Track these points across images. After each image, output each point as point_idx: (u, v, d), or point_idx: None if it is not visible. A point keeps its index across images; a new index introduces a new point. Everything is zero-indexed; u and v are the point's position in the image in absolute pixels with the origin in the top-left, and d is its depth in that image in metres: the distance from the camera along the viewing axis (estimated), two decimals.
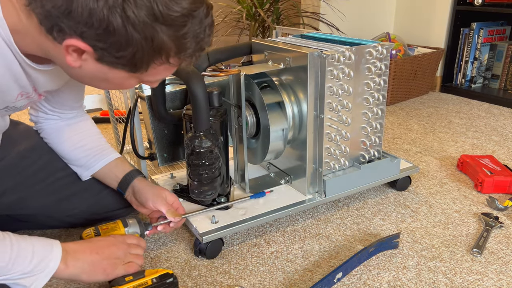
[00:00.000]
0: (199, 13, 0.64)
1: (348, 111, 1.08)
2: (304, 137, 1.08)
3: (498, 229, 1.09)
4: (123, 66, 0.66)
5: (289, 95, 1.09)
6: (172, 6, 0.61)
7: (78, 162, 1.03)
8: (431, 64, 2.25)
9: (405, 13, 2.52)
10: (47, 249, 0.76)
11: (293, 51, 1.04)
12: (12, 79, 0.72)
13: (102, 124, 1.97)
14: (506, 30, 2.34)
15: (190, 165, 0.98)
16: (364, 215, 1.17)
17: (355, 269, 0.95)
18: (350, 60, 1.04)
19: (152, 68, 0.68)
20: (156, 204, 0.98)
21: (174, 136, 1.21)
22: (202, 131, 0.94)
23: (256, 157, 1.17)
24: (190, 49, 0.67)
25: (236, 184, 1.20)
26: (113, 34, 0.61)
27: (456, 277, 0.93)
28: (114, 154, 1.05)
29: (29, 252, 0.73)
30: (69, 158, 1.03)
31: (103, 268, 0.81)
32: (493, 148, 1.60)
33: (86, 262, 0.80)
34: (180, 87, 1.18)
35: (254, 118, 1.11)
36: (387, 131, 1.79)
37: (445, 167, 1.45)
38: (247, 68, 1.09)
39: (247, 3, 2.26)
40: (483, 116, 1.96)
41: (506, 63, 2.25)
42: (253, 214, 1.05)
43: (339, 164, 1.14)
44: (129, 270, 0.84)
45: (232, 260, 0.99)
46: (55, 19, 0.60)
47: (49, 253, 0.75)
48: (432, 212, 1.18)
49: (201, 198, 1.02)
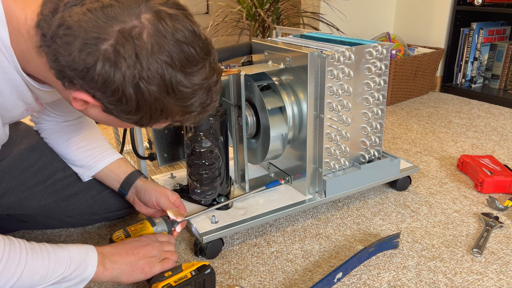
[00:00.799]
0: (209, 83, 0.66)
1: (348, 111, 1.08)
2: (304, 137, 1.08)
3: (498, 229, 1.09)
4: (130, 121, 0.68)
5: (289, 95, 1.09)
6: (185, 83, 0.63)
7: (79, 163, 1.03)
8: (431, 64, 2.25)
9: (405, 13, 2.52)
10: (83, 254, 0.77)
11: (293, 51, 1.04)
12: (20, 99, 0.73)
13: (102, 124, 1.96)
14: (506, 30, 2.35)
15: (190, 165, 0.98)
16: (364, 215, 1.17)
17: (355, 269, 0.95)
18: (350, 60, 1.04)
19: (156, 125, 0.70)
20: (160, 202, 0.98)
21: (174, 136, 1.21)
22: (202, 131, 0.94)
23: (256, 157, 1.17)
24: (195, 112, 0.69)
25: (236, 184, 1.20)
26: (124, 103, 0.63)
27: (456, 277, 0.93)
28: (115, 155, 1.05)
29: (66, 258, 0.74)
30: (70, 159, 1.03)
31: (141, 268, 0.83)
32: (493, 148, 1.60)
33: (124, 264, 0.81)
34: None
35: (254, 118, 1.11)
36: (387, 131, 1.79)
37: (445, 167, 1.45)
38: (247, 68, 1.09)
39: (247, 3, 2.26)
40: (483, 116, 1.97)
41: (506, 63, 2.25)
42: (253, 214, 1.05)
43: (339, 164, 1.14)
44: (166, 267, 0.86)
45: (232, 260, 0.99)
46: (68, 75, 0.62)
47: (85, 257, 0.77)
48: (432, 212, 1.18)
49: (201, 198, 1.02)
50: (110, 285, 0.92)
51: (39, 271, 0.70)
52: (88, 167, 1.03)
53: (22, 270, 0.68)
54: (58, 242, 1.07)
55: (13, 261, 0.67)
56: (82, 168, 1.03)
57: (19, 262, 0.68)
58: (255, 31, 2.27)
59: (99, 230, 1.12)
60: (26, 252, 0.70)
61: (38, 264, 0.70)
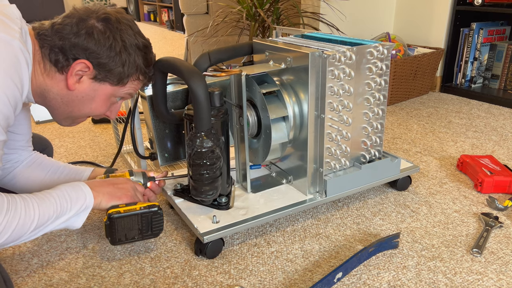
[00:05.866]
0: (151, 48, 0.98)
1: (349, 111, 1.09)
2: (305, 137, 1.08)
3: (498, 229, 1.10)
4: (110, 80, 0.91)
5: (290, 95, 1.09)
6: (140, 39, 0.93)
7: None
8: (431, 64, 2.25)
9: (405, 13, 2.52)
10: (78, 187, 0.92)
11: (294, 51, 1.04)
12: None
13: (102, 124, 1.97)
14: (506, 30, 2.35)
15: (191, 165, 0.98)
16: (364, 215, 1.17)
17: (355, 269, 0.95)
18: (351, 60, 1.04)
19: (130, 82, 0.94)
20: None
21: (175, 136, 1.21)
22: (203, 131, 0.94)
23: (258, 157, 1.17)
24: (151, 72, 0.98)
25: (237, 184, 1.20)
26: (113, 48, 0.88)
27: (456, 277, 0.93)
28: (87, 170, 1.15)
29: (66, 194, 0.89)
30: None
31: (118, 196, 0.97)
32: (493, 148, 1.60)
33: (106, 193, 0.96)
34: (181, 87, 1.18)
35: (255, 118, 1.11)
36: (387, 131, 1.79)
37: (445, 167, 1.45)
38: (248, 68, 1.09)
39: (247, 3, 2.26)
40: (483, 116, 1.97)
41: (506, 63, 2.25)
42: (254, 214, 1.05)
43: (339, 164, 1.14)
44: (134, 200, 1.00)
45: (232, 260, 1.00)
46: (70, 47, 0.86)
47: (81, 188, 0.92)
48: (432, 212, 1.18)
49: (202, 198, 1.02)
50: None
51: (50, 209, 0.85)
52: None
53: (38, 212, 0.82)
54: (58, 242, 1.08)
55: (29, 207, 0.81)
56: None
57: (34, 207, 0.82)
58: (255, 31, 2.27)
59: (99, 230, 1.13)
60: (37, 199, 0.84)
61: (48, 203, 0.85)
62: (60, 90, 0.89)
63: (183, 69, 0.95)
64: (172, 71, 0.99)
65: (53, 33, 0.85)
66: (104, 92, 0.92)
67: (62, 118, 0.96)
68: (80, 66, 0.87)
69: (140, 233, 0.97)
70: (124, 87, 0.94)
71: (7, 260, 1.01)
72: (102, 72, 0.89)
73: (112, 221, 0.92)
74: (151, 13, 6.77)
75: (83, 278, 0.95)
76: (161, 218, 0.97)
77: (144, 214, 0.95)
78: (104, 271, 0.97)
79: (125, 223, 0.94)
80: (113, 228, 0.93)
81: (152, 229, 0.97)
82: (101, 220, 1.16)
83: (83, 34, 0.86)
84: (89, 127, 1.92)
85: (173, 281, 0.93)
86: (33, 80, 0.87)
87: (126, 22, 0.91)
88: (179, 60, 0.98)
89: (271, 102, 1.08)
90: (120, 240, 0.95)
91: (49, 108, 0.94)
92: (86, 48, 0.86)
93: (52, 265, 0.99)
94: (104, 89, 0.92)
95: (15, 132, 1.04)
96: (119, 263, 0.99)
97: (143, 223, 0.96)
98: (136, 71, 0.94)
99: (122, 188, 0.99)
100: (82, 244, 1.06)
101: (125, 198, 0.98)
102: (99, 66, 0.88)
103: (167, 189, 1.16)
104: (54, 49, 0.85)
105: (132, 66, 0.92)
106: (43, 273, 0.96)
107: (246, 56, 1.23)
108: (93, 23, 0.87)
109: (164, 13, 6.35)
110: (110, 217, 0.92)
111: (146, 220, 0.96)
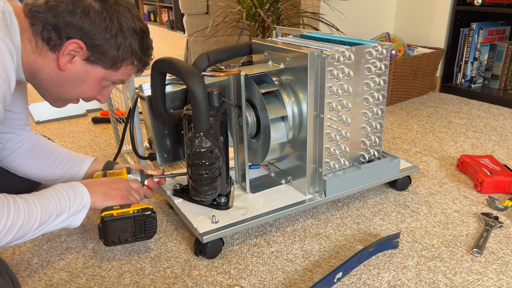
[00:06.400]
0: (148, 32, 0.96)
1: (348, 111, 1.09)
2: (304, 137, 1.08)
3: (498, 229, 1.09)
4: (103, 63, 0.88)
5: (289, 95, 1.09)
6: (138, 23, 0.91)
7: (62, 180, 1.10)
8: (431, 64, 2.25)
9: (405, 13, 2.52)
10: (74, 187, 0.92)
11: (293, 51, 1.04)
12: None
13: (102, 124, 1.97)
14: (506, 30, 2.35)
15: (190, 165, 0.98)
16: (364, 215, 1.17)
17: (355, 269, 0.95)
18: (350, 60, 1.04)
19: (123, 66, 0.92)
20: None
21: (174, 136, 1.21)
22: (202, 131, 0.94)
23: (257, 157, 1.17)
24: (147, 57, 0.96)
25: (236, 184, 1.20)
26: (108, 30, 0.86)
27: (456, 277, 0.93)
28: (88, 159, 1.15)
29: (64, 193, 0.89)
30: (54, 179, 1.11)
31: (113, 197, 0.97)
32: (493, 148, 1.60)
33: (100, 193, 0.96)
34: (180, 87, 1.18)
35: (254, 118, 1.11)
36: (387, 131, 1.79)
37: (445, 167, 1.45)
38: (247, 68, 1.09)
39: (247, 3, 2.26)
40: (483, 116, 1.97)
41: (506, 63, 2.25)
42: (253, 214, 1.05)
43: (339, 164, 1.14)
44: (128, 202, 1.00)
45: (232, 260, 1.00)
46: (63, 25, 0.83)
47: (78, 188, 0.92)
48: (432, 212, 1.18)
49: (201, 198, 1.02)
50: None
51: (51, 207, 0.85)
52: (72, 179, 1.10)
53: (40, 211, 0.83)
54: (58, 242, 1.08)
55: (32, 207, 0.82)
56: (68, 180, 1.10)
57: (35, 206, 0.82)
58: (255, 31, 2.27)
59: None
60: (37, 199, 0.84)
61: (48, 202, 0.85)
62: (51, 70, 0.87)
63: (181, 69, 0.95)
64: (171, 71, 0.99)
65: (46, 10, 0.82)
66: (95, 75, 0.90)
67: (52, 99, 0.95)
68: (73, 46, 0.84)
69: (133, 235, 0.97)
70: (117, 71, 0.92)
71: (7, 260, 1.01)
72: (96, 54, 0.87)
73: (105, 224, 0.93)
74: (151, 13, 6.78)
75: (83, 278, 0.95)
76: (154, 221, 0.97)
77: (137, 217, 0.95)
78: (104, 271, 0.97)
79: (118, 226, 0.94)
80: (106, 230, 0.94)
81: (146, 232, 0.98)
82: None
83: (79, 13, 0.83)
84: (89, 127, 1.92)
85: (173, 281, 0.93)
86: (24, 58, 0.85)
87: (124, 4, 0.89)
88: (178, 60, 0.98)
89: (270, 102, 1.08)
90: (114, 241, 0.96)
91: (39, 88, 0.92)
92: (80, 28, 0.83)
93: (52, 265, 0.99)
94: (96, 72, 0.90)
95: (12, 111, 1.04)
96: (119, 263, 0.99)
97: (136, 226, 0.96)
98: (131, 55, 0.91)
99: (116, 188, 0.99)
100: (82, 244, 1.06)
101: (119, 198, 0.98)
102: (93, 47, 0.86)
103: (167, 189, 1.16)
104: (47, 26, 0.82)
105: (128, 50, 0.90)
106: (43, 273, 0.96)
107: (245, 56, 1.23)
108: (90, 3, 0.84)
109: (164, 13, 6.35)
110: (103, 220, 0.93)
111: (139, 223, 0.96)
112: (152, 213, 0.96)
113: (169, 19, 6.13)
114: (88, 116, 2.08)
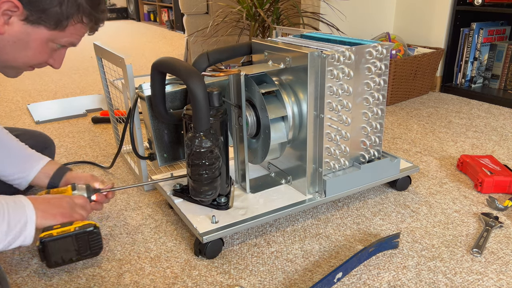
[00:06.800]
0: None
1: (348, 111, 1.09)
2: (304, 137, 1.08)
3: (498, 229, 1.09)
4: (46, 23, 0.79)
5: (289, 95, 1.09)
6: None
7: (13, 177, 1.08)
8: (431, 64, 2.25)
9: (405, 13, 2.52)
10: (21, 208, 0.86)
11: (293, 51, 1.04)
12: None
13: (102, 124, 1.97)
14: (506, 30, 2.34)
15: (190, 165, 0.98)
16: (364, 215, 1.17)
17: (355, 269, 0.95)
18: (350, 60, 1.04)
19: (71, 26, 0.82)
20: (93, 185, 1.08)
21: (174, 136, 1.21)
22: (202, 131, 0.94)
23: (257, 157, 1.17)
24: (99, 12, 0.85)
25: (236, 184, 1.20)
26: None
27: (456, 277, 0.93)
28: (43, 159, 1.10)
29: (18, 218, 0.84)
30: (3, 175, 1.07)
31: (53, 215, 0.91)
32: (493, 148, 1.60)
33: (40, 210, 0.89)
34: (180, 87, 1.18)
35: (254, 118, 1.11)
36: (387, 131, 1.79)
37: (445, 167, 1.45)
38: (247, 68, 1.09)
39: (247, 3, 2.26)
40: (483, 116, 1.97)
41: (506, 63, 2.25)
42: (253, 214, 1.05)
43: (339, 164, 1.14)
44: (71, 219, 0.94)
45: (232, 260, 1.00)
46: None
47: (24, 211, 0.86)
48: (432, 212, 1.18)
49: (201, 198, 1.02)
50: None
51: None
52: (24, 178, 1.08)
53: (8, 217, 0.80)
54: None
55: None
56: (18, 180, 1.08)
57: None
58: (255, 31, 2.27)
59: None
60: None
61: None
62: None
63: (181, 69, 0.95)
64: (171, 71, 0.99)
65: None
66: (39, 37, 0.81)
67: (1, 67, 0.87)
68: (7, 5, 0.75)
69: (78, 253, 0.92)
70: (64, 31, 0.83)
71: (7, 260, 1.01)
72: (35, 12, 0.77)
73: (44, 245, 0.88)
74: (151, 13, 6.78)
75: (83, 278, 0.95)
76: (99, 237, 0.93)
77: (78, 234, 0.91)
78: (104, 271, 0.97)
79: (60, 245, 0.89)
80: (46, 252, 0.89)
81: (91, 249, 0.93)
82: (101, 220, 1.16)
83: None
84: (89, 127, 1.92)
85: (173, 281, 0.93)
86: None
87: None
88: (178, 60, 0.98)
89: (270, 102, 1.08)
90: (57, 262, 0.91)
91: None
92: None
93: None
94: (39, 33, 0.81)
95: None
96: (119, 263, 0.99)
97: (79, 244, 0.91)
98: (78, 11, 0.81)
99: (57, 205, 0.93)
100: None
101: (60, 216, 0.91)
102: (30, 5, 0.77)
103: (166, 189, 1.16)
104: None
105: (72, 5, 0.80)
106: (43, 273, 0.96)
107: (245, 56, 1.23)
108: None
109: (164, 13, 6.35)
110: (42, 241, 0.88)
111: (82, 241, 0.91)
112: (95, 228, 0.92)
113: (169, 19, 6.13)
114: (88, 116, 2.08)
